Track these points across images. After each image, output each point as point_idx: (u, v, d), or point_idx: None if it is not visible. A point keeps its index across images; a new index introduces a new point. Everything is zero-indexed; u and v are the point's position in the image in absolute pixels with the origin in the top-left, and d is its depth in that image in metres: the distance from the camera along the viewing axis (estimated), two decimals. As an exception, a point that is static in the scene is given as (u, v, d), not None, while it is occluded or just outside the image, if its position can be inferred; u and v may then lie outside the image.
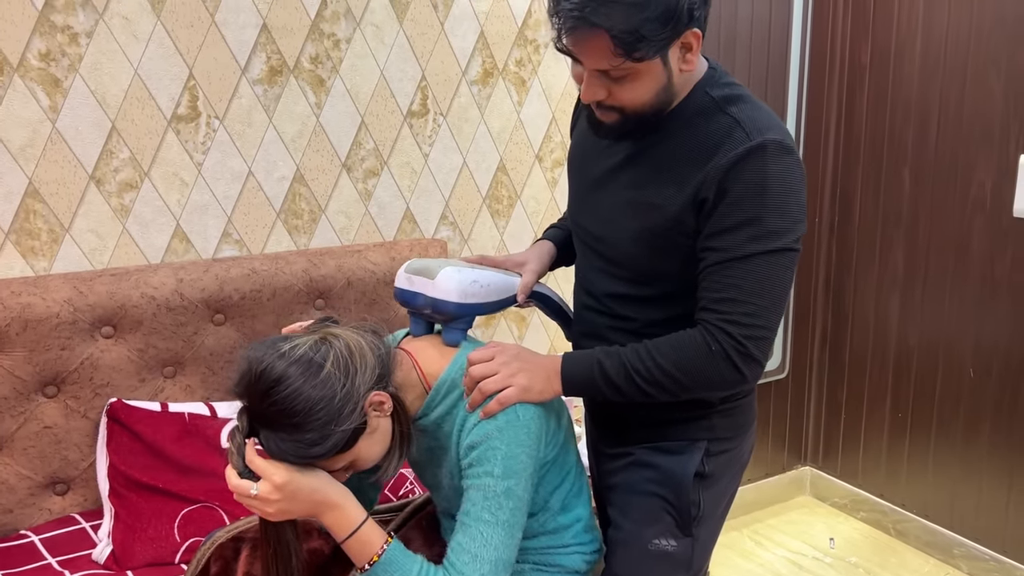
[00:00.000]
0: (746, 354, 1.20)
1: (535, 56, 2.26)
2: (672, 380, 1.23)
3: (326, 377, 1.08)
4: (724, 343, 1.19)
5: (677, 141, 1.24)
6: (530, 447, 1.19)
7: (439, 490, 1.35)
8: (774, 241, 1.18)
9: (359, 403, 1.11)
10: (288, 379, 1.07)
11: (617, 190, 1.32)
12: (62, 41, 1.72)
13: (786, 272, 1.20)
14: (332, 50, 2.00)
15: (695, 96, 1.25)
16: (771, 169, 1.17)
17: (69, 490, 1.77)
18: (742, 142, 1.18)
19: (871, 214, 2.65)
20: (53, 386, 1.73)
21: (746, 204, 1.17)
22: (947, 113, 2.39)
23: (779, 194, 1.17)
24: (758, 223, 1.17)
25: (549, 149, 2.34)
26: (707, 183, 1.19)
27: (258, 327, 1.91)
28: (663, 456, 1.37)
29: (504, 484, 1.16)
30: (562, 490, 1.31)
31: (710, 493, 1.38)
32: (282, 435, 1.08)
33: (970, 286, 2.39)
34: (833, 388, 2.87)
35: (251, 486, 1.10)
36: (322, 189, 2.05)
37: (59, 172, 1.76)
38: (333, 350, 1.10)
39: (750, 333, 1.19)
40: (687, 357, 1.22)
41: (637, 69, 1.15)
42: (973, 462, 2.45)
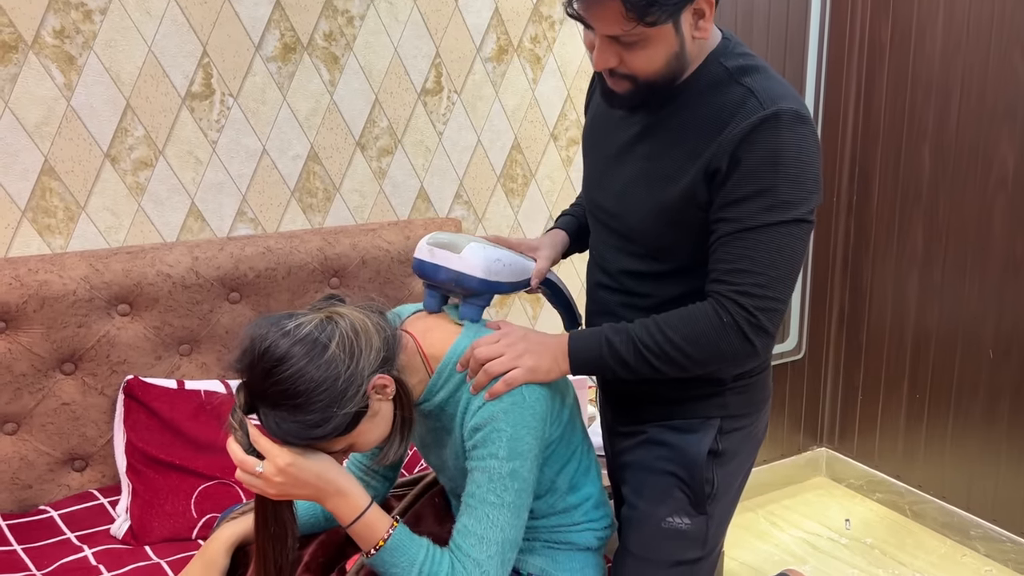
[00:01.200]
0: (757, 325, 1.18)
1: (550, 33, 2.23)
2: (682, 354, 1.21)
3: (331, 358, 1.06)
4: (735, 314, 1.18)
5: (690, 112, 1.23)
6: (535, 428, 1.17)
7: (444, 471, 1.34)
8: (788, 212, 1.16)
9: (362, 386, 1.08)
10: (292, 359, 1.04)
11: (631, 164, 1.30)
12: (76, 18, 1.71)
13: (799, 243, 1.18)
14: (346, 27, 1.98)
15: (709, 66, 1.23)
16: (785, 138, 1.15)
17: (87, 466, 1.79)
18: (755, 111, 1.16)
19: (890, 193, 2.61)
20: (71, 363, 1.74)
21: (759, 174, 1.15)
22: (969, 91, 2.35)
23: (793, 164, 1.15)
24: (771, 193, 1.15)
25: (564, 127, 2.32)
26: (720, 153, 1.18)
27: (273, 305, 1.92)
28: (676, 434, 1.36)
29: (509, 466, 1.15)
30: (569, 469, 1.31)
31: (724, 471, 1.37)
32: (283, 414, 1.06)
33: (991, 266, 2.36)
34: (850, 369, 2.85)
35: (256, 463, 1.08)
36: (336, 168, 2.05)
37: (74, 150, 1.76)
38: (339, 330, 1.08)
39: (762, 304, 1.18)
40: (697, 330, 1.20)
41: (649, 35, 1.13)
42: (992, 443, 2.43)
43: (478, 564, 1.14)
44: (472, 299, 1.29)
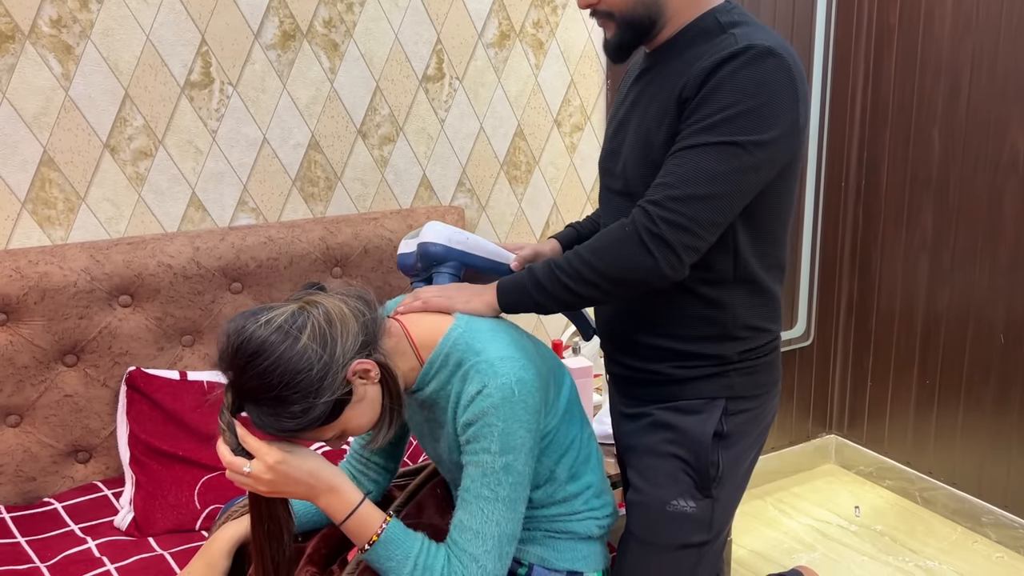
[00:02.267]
0: (658, 235, 1.15)
1: (553, 17, 2.21)
2: (589, 267, 1.20)
3: (302, 349, 1.05)
4: (637, 220, 1.17)
5: (678, 59, 1.25)
6: (527, 422, 1.16)
7: (441, 463, 1.34)
8: (725, 134, 1.14)
9: (340, 373, 1.08)
10: (265, 351, 1.04)
11: (632, 123, 1.32)
12: (73, 7, 1.70)
13: (726, 168, 1.15)
14: (346, 13, 1.96)
15: (704, 20, 1.26)
16: (748, 70, 1.15)
17: (91, 458, 1.79)
18: (729, 47, 1.17)
19: (899, 177, 2.58)
20: (72, 355, 1.74)
21: (712, 98, 1.15)
22: (979, 72, 2.31)
23: (745, 94, 1.14)
24: (717, 116, 1.15)
25: (568, 113, 2.30)
26: (689, 83, 1.19)
27: (275, 295, 1.91)
28: (681, 416, 1.34)
29: (502, 460, 1.14)
30: (568, 459, 1.29)
31: (730, 454, 1.35)
32: (265, 409, 1.07)
33: (1002, 250, 2.33)
34: (859, 355, 2.82)
35: (244, 464, 1.09)
36: (337, 156, 2.03)
37: (73, 140, 1.75)
38: (311, 319, 1.07)
39: (666, 216, 1.15)
40: (604, 242, 1.20)
41: None
42: (1003, 430, 2.40)
43: (474, 559, 1.13)
44: (440, 268, 1.33)
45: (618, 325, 1.40)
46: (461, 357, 1.18)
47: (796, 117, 1.19)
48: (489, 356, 1.16)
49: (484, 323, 1.23)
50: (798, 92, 1.18)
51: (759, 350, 1.35)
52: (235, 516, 1.34)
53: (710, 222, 1.17)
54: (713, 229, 1.18)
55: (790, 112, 1.17)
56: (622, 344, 1.40)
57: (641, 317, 1.35)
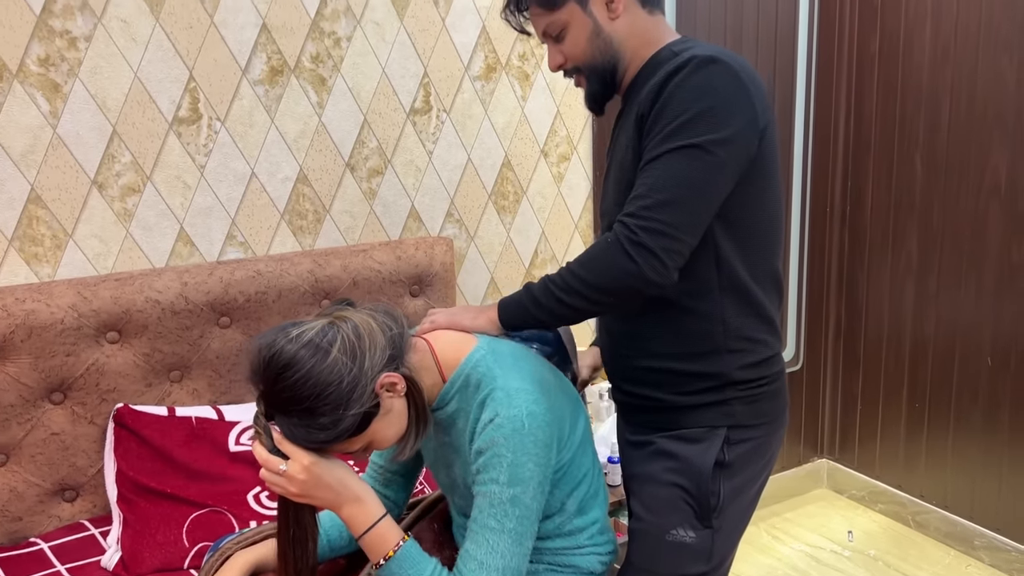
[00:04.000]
0: (638, 242, 1.19)
1: (538, 50, 2.23)
2: (579, 280, 1.24)
3: (333, 362, 1.08)
4: (619, 232, 1.22)
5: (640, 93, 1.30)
6: (537, 456, 1.16)
7: (455, 490, 1.33)
8: (685, 137, 1.19)
9: (369, 386, 1.10)
10: (295, 365, 1.07)
11: (613, 161, 1.39)
12: (61, 46, 1.71)
13: (691, 170, 1.20)
14: (333, 48, 1.98)
15: (660, 53, 1.33)
16: (693, 78, 1.21)
17: (78, 496, 1.77)
18: (675, 62, 1.23)
19: (883, 202, 2.61)
20: (59, 392, 1.72)
21: (667, 108, 1.21)
22: (959, 99, 2.35)
23: (695, 98, 1.19)
24: (674, 123, 1.20)
25: (555, 143, 2.32)
26: (643, 102, 1.25)
27: (264, 329, 1.90)
28: (683, 444, 1.35)
29: (510, 492, 1.15)
30: (579, 492, 1.29)
31: (731, 483, 1.35)
32: (295, 420, 1.10)
33: (987, 273, 2.35)
34: (848, 379, 2.83)
35: (280, 462, 1.13)
36: (326, 189, 2.04)
37: (61, 178, 1.75)
38: (340, 334, 1.11)
39: (644, 224, 1.20)
40: (590, 255, 1.26)
41: (564, 20, 1.31)
42: (993, 452, 2.41)
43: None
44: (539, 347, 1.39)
45: (617, 351, 1.42)
46: (480, 380, 1.20)
47: (753, 116, 1.23)
48: (506, 385, 1.18)
49: (507, 347, 1.25)
50: (749, 92, 1.23)
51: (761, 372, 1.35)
52: (243, 545, 1.34)
53: (686, 224, 1.21)
54: (690, 230, 1.22)
55: (743, 110, 1.22)
56: (623, 371, 1.42)
57: (636, 339, 1.37)
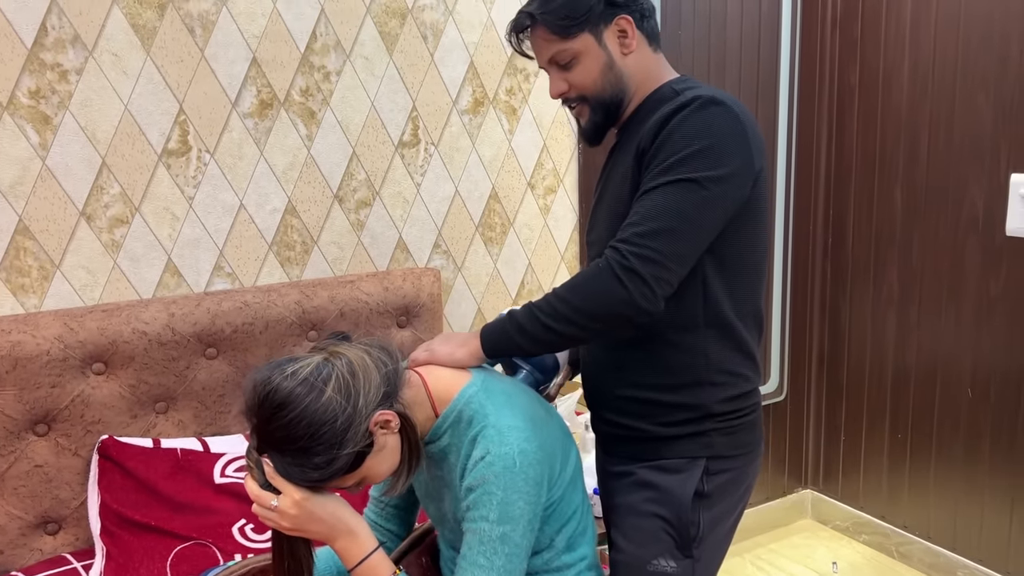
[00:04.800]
0: (629, 268, 1.20)
1: (525, 85, 2.26)
2: (568, 305, 1.24)
3: (327, 401, 1.08)
4: (610, 257, 1.23)
5: (641, 126, 1.33)
6: (527, 493, 1.17)
7: (445, 523, 1.33)
8: (682, 172, 1.22)
9: (363, 424, 1.11)
10: (290, 404, 1.08)
11: (605, 192, 1.41)
12: (52, 79, 1.72)
13: (685, 203, 1.22)
14: (322, 82, 2.00)
15: (661, 90, 1.37)
16: (695, 117, 1.24)
17: (60, 529, 1.75)
18: (678, 100, 1.27)
19: (864, 235, 2.65)
20: (44, 424, 1.71)
21: (666, 144, 1.24)
22: (937, 133, 2.40)
23: (695, 136, 1.23)
24: (674, 157, 1.23)
25: (541, 176, 2.34)
26: (644, 136, 1.28)
27: (251, 360, 1.90)
28: (662, 475, 1.36)
29: (499, 529, 1.15)
30: (568, 529, 1.30)
31: (710, 514, 1.37)
32: (288, 459, 1.10)
33: (966, 305, 2.39)
34: (831, 410, 2.85)
35: (272, 498, 1.13)
36: (314, 220, 2.05)
37: (49, 209, 1.76)
38: (335, 372, 1.11)
39: (636, 251, 1.21)
40: (579, 280, 1.26)
41: (576, 50, 1.32)
42: (975, 482, 2.43)
43: None
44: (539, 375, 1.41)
45: (600, 380, 1.43)
46: (472, 416, 1.21)
47: (749, 159, 1.26)
48: (497, 423, 1.18)
49: (499, 384, 1.26)
50: (747, 135, 1.26)
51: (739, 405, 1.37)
52: None
53: (676, 254, 1.23)
54: (680, 260, 1.23)
55: (741, 152, 1.25)
56: (605, 400, 1.43)
57: (620, 370, 1.38)
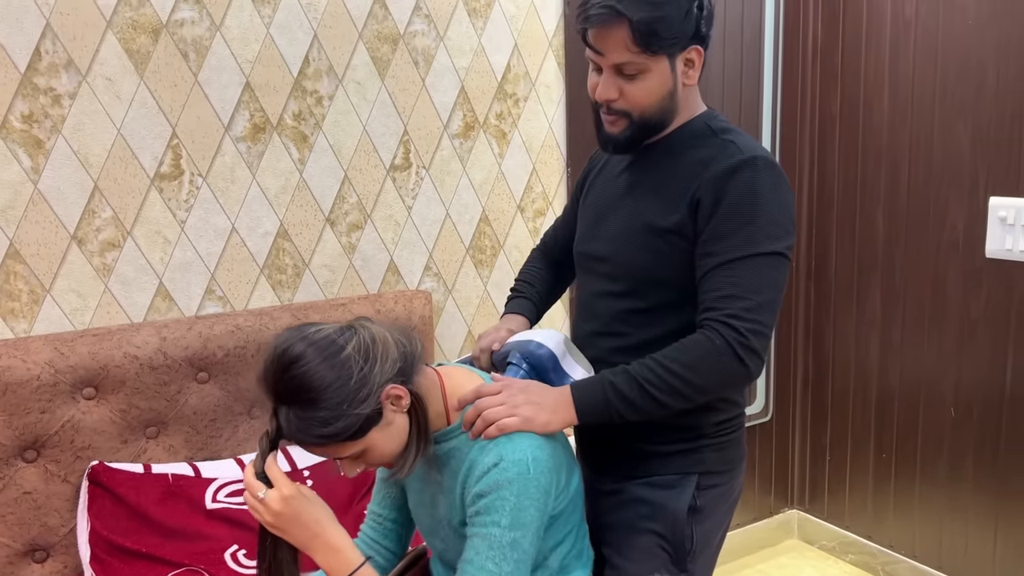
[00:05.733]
0: (748, 347, 1.24)
1: (515, 109, 2.29)
2: (683, 381, 1.25)
3: (345, 359, 1.11)
4: (728, 336, 1.23)
5: (676, 159, 1.34)
6: (539, 500, 1.18)
7: (436, 532, 1.33)
8: (768, 245, 1.25)
9: (375, 390, 1.12)
10: (306, 357, 1.10)
11: (623, 210, 1.39)
12: (45, 103, 1.72)
13: (779, 275, 1.27)
14: (315, 107, 2.01)
15: (695, 124, 1.36)
16: (762, 179, 1.26)
17: (49, 557, 1.73)
18: (736, 155, 1.28)
19: (847, 257, 2.69)
20: (33, 450, 1.70)
21: (742, 210, 1.25)
22: (917, 159, 2.45)
23: (771, 203, 1.26)
24: (753, 227, 1.25)
25: (531, 199, 2.36)
26: (702, 187, 1.28)
27: (242, 384, 1.89)
28: (656, 490, 1.38)
29: (511, 535, 1.15)
30: (562, 549, 1.30)
31: (702, 528, 1.39)
32: (296, 411, 1.10)
33: (948, 326, 2.43)
34: (817, 430, 2.88)
35: (261, 488, 1.15)
36: (306, 244, 2.05)
37: (40, 233, 1.75)
38: (357, 336, 1.14)
39: (750, 327, 1.24)
40: (694, 356, 1.25)
41: (648, 67, 1.27)
42: (959, 501, 2.46)
43: None
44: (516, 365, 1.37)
45: None
46: None
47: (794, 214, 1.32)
48: None
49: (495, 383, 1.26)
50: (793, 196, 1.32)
51: (729, 424, 1.41)
52: None
53: (774, 320, 1.27)
54: (774, 323, 1.28)
55: (793, 211, 1.31)
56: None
57: None
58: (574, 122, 2.37)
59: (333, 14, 2.00)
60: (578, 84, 2.32)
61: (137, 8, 1.78)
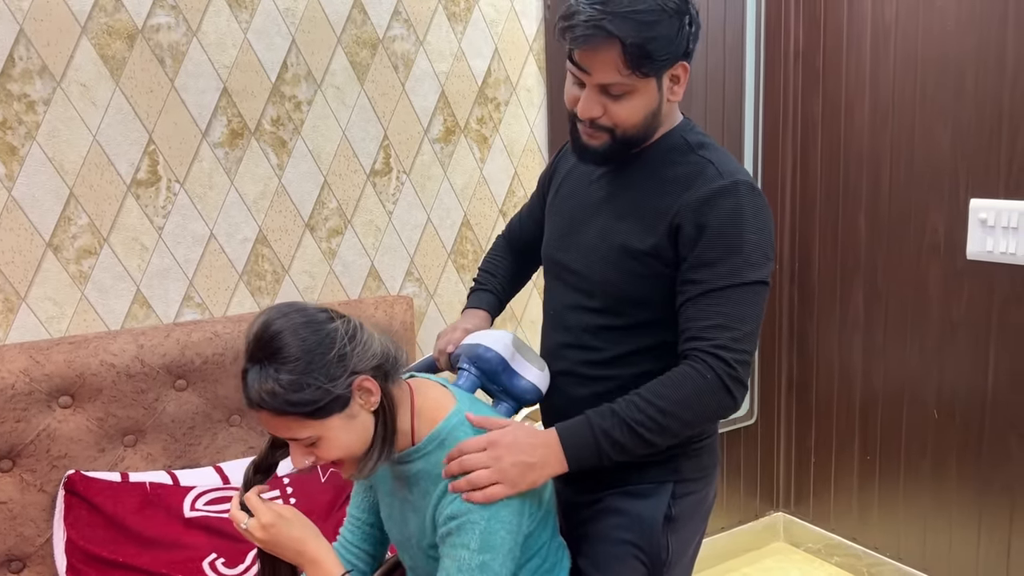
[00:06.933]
0: (736, 378, 1.24)
1: (496, 114, 2.29)
2: (674, 419, 1.23)
3: (331, 330, 1.11)
4: (718, 369, 1.23)
5: (653, 176, 1.32)
6: (510, 523, 1.17)
7: (407, 548, 1.32)
8: (752, 274, 1.25)
9: (349, 373, 1.11)
10: (291, 318, 1.11)
11: (596, 224, 1.37)
12: (19, 109, 1.71)
13: (762, 304, 1.27)
14: (293, 112, 2.01)
15: (672, 137, 1.34)
16: (745, 205, 1.25)
17: (25, 567, 1.71)
18: (716, 179, 1.27)
19: (830, 262, 2.70)
20: (8, 460, 1.68)
21: (727, 239, 1.24)
22: (898, 163, 2.46)
23: (755, 231, 1.25)
24: (737, 256, 1.24)
25: (512, 203, 2.36)
26: (682, 212, 1.27)
27: (220, 391, 1.88)
28: (631, 500, 1.37)
29: (480, 558, 1.15)
30: (532, 564, 1.29)
31: (678, 537, 1.38)
32: (268, 370, 1.09)
33: (930, 328, 2.43)
34: (801, 433, 2.88)
35: (243, 520, 1.20)
36: (285, 249, 2.04)
37: (15, 240, 1.74)
38: (344, 320, 1.15)
39: (738, 357, 1.23)
40: (684, 394, 1.23)
41: (636, 87, 1.23)
42: (943, 502, 2.47)
43: None
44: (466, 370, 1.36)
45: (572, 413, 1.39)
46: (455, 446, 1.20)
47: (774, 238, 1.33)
48: None
49: (482, 413, 1.26)
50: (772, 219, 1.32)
51: (703, 433, 1.40)
52: None
53: (756, 348, 1.28)
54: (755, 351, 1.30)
55: (773, 236, 1.30)
56: None
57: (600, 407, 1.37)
58: (556, 126, 2.37)
59: (311, 19, 1.99)
60: (559, 88, 2.31)
61: (112, 14, 1.77)
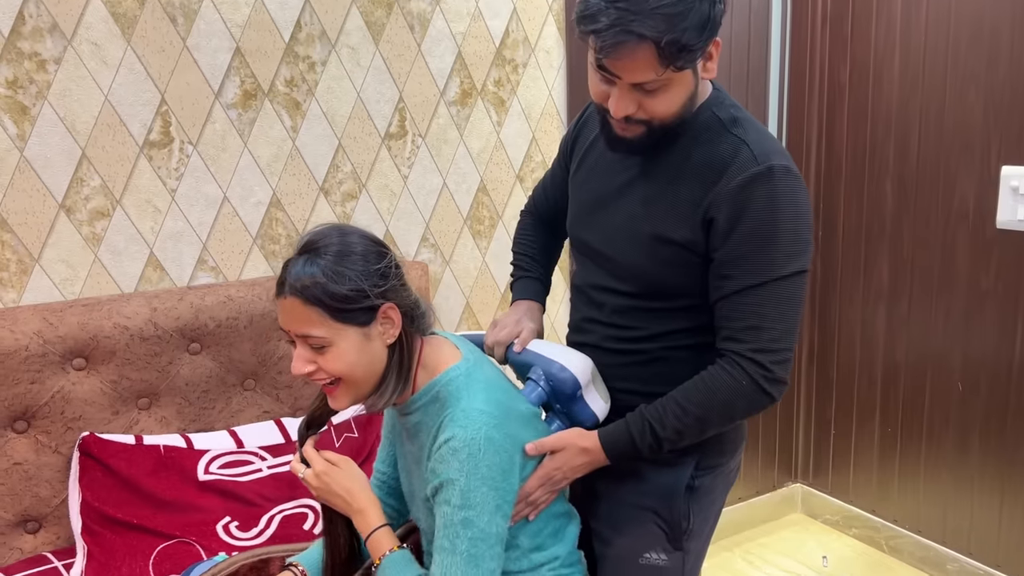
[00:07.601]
0: (774, 379, 1.22)
1: (513, 76, 2.24)
2: (713, 425, 1.26)
3: (379, 251, 1.17)
4: (753, 373, 1.21)
5: (685, 158, 1.26)
6: (492, 480, 1.15)
7: (413, 500, 1.34)
8: (790, 265, 1.20)
9: (385, 292, 1.15)
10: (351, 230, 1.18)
11: (625, 208, 1.31)
12: (30, 68, 1.69)
13: (801, 292, 1.23)
14: (307, 73, 1.97)
15: (701, 114, 1.26)
16: (780, 192, 1.19)
17: (41, 528, 1.72)
18: (750, 165, 1.20)
19: (855, 228, 2.64)
20: (23, 421, 1.68)
21: (762, 231, 1.19)
22: (927, 127, 2.39)
23: (791, 218, 1.20)
24: (774, 249, 1.19)
25: (530, 168, 2.32)
26: (715, 203, 1.21)
27: (235, 355, 1.87)
28: (654, 468, 1.35)
29: (462, 514, 1.14)
30: (530, 529, 1.27)
31: (699, 507, 1.36)
32: (314, 259, 1.13)
33: (956, 298, 2.38)
34: (822, 404, 2.84)
35: (301, 469, 1.29)
36: (299, 213, 2.02)
37: (28, 201, 1.72)
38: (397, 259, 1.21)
39: (776, 358, 1.21)
40: (721, 400, 1.23)
41: (672, 79, 1.16)
42: (964, 476, 2.43)
43: None
44: None
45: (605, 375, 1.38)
46: (447, 398, 1.20)
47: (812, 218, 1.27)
48: (468, 407, 1.17)
49: (483, 372, 1.24)
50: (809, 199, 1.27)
51: None
52: None
53: (796, 338, 1.25)
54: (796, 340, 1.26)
55: (811, 217, 1.25)
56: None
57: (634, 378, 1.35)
58: (575, 89, 2.31)
59: (325, -23, 1.95)
60: (579, 51, 2.26)
61: (123, -30, 1.74)
